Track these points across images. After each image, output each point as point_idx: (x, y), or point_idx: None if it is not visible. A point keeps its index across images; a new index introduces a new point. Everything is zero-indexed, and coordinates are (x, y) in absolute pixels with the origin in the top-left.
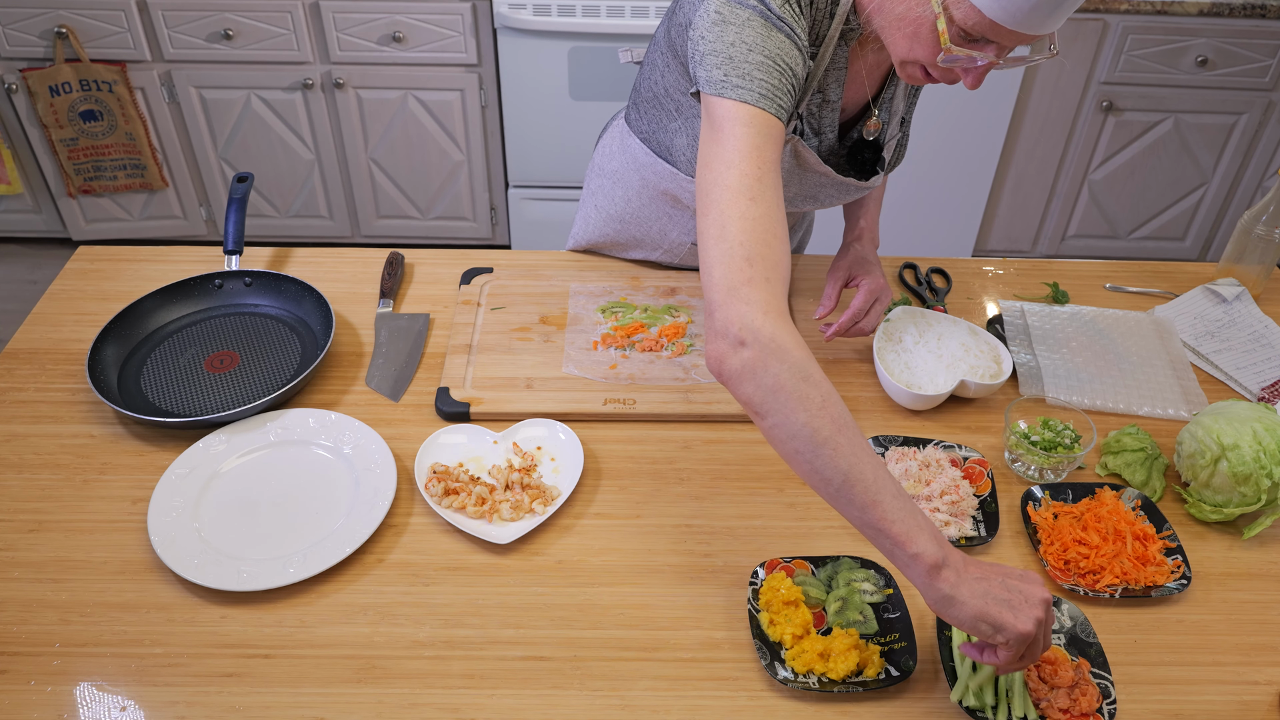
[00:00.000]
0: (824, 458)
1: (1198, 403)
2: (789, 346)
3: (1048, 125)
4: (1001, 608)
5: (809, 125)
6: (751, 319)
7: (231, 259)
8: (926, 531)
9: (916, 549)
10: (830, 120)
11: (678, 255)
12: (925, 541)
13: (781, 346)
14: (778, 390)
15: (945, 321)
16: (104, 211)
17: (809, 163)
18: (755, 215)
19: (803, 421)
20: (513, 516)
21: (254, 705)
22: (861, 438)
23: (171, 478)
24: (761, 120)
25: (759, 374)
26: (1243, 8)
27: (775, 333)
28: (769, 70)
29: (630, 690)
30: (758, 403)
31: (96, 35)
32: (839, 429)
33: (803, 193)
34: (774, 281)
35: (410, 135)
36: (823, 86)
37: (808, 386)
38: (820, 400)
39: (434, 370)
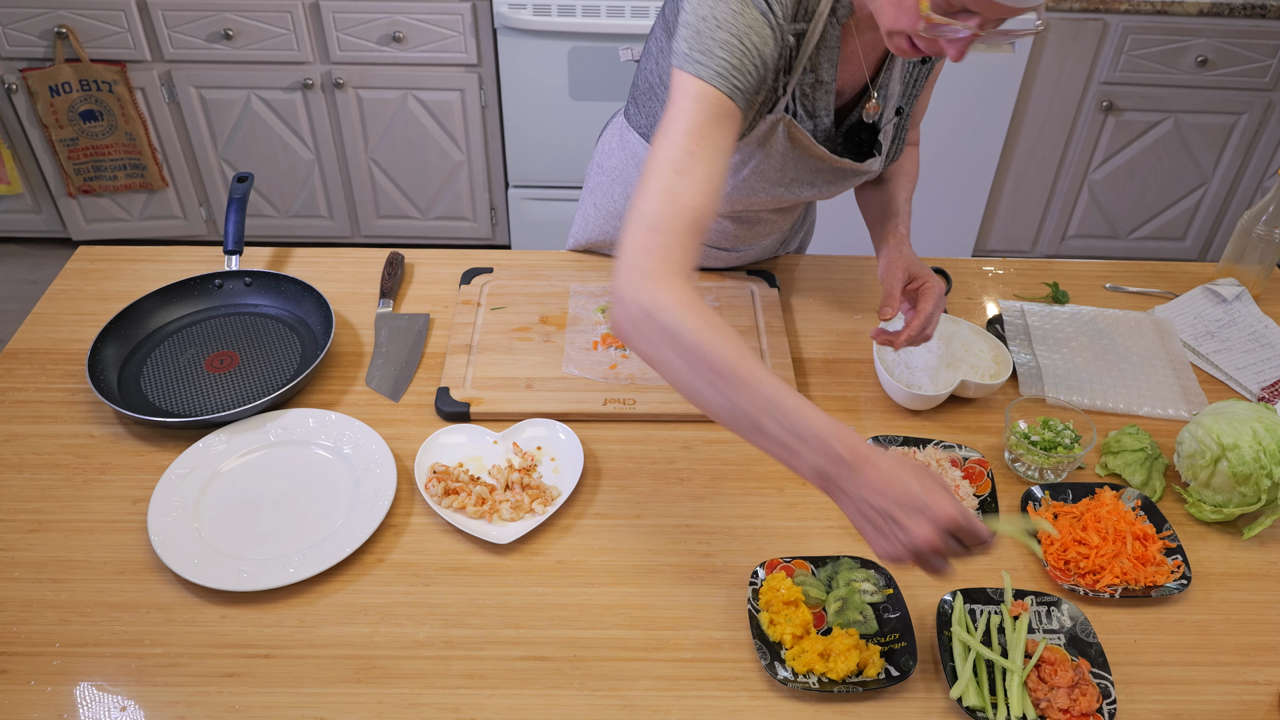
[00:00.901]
0: (702, 398)
1: (1198, 403)
2: (669, 308)
3: (1048, 125)
4: (868, 530)
5: (803, 107)
6: (639, 284)
7: (231, 259)
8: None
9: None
10: (825, 103)
11: None
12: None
13: (663, 306)
14: (656, 343)
15: (945, 321)
16: (104, 211)
17: (803, 144)
18: (675, 188)
19: (679, 370)
20: (513, 516)
21: (254, 705)
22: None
23: (171, 478)
24: (712, 98)
25: (646, 334)
26: (1243, 8)
27: (659, 297)
28: (731, 49)
29: (630, 690)
30: (649, 359)
31: (96, 35)
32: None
33: (799, 177)
34: (673, 249)
35: (410, 135)
36: (815, 65)
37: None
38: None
39: (434, 370)
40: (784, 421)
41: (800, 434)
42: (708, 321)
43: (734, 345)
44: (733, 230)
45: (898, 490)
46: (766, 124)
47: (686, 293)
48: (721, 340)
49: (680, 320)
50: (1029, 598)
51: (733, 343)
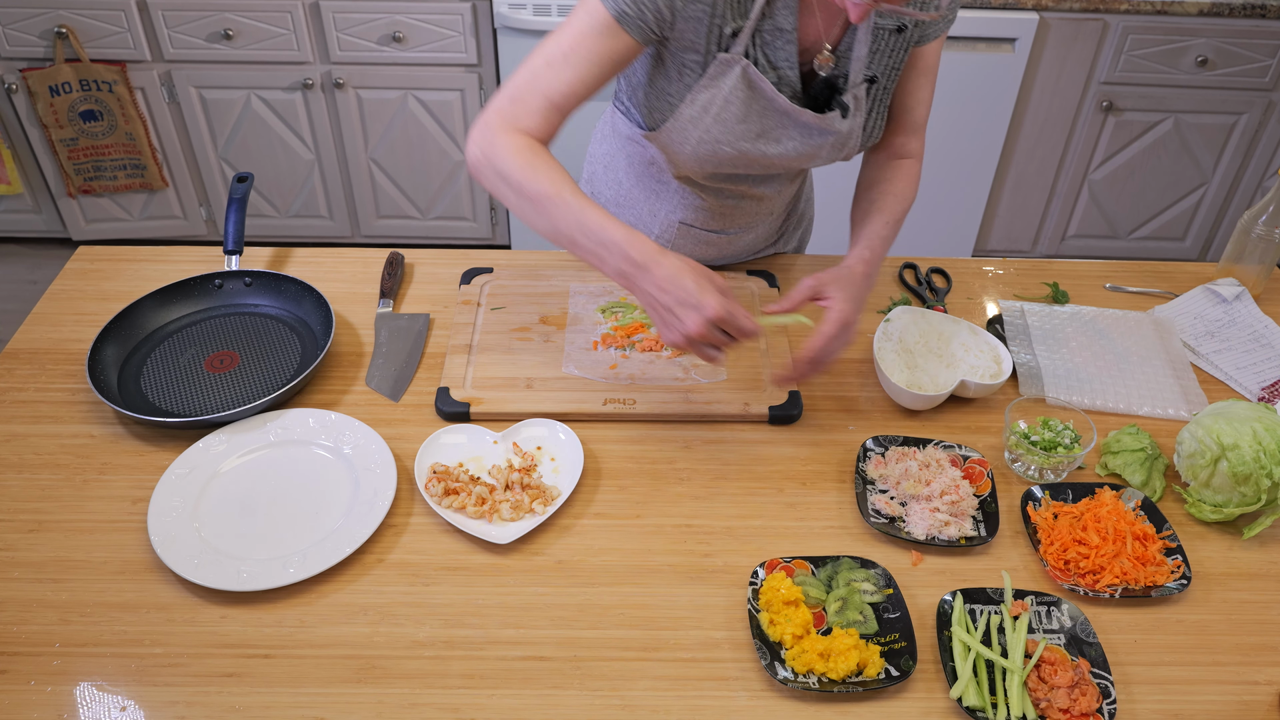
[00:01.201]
0: (534, 223)
1: (1198, 403)
2: (500, 155)
3: (1048, 125)
4: (657, 321)
5: (765, 56)
6: (482, 136)
7: (231, 259)
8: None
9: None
10: (787, 54)
11: (667, 239)
12: (608, 268)
13: (498, 153)
14: (494, 184)
15: (945, 321)
16: (104, 211)
17: (763, 91)
18: (544, 76)
19: (513, 202)
20: (513, 516)
21: (254, 705)
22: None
23: (171, 478)
24: (599, 14)
25: (483, 171)
26: (1243, 8)
27: (495, 146)
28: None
29: (630, 690)
30: (493, 195)
31: (96, 35)
32: (533, 203)
33: (763, 131)
34: (520, 116)
35: (410, 135)
36: (773, 12)
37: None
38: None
39: (434, 370)
40: (590, 235)
41: (604, 243)
42: (529, 162)
43: (549, 178)
44: (717, 207)
45: (676, 287)
46: (720, 64)
47: (518, 141)
48: (539, 175)
49: (508, 162)
50: (1029, 598)
51: (549, 176)
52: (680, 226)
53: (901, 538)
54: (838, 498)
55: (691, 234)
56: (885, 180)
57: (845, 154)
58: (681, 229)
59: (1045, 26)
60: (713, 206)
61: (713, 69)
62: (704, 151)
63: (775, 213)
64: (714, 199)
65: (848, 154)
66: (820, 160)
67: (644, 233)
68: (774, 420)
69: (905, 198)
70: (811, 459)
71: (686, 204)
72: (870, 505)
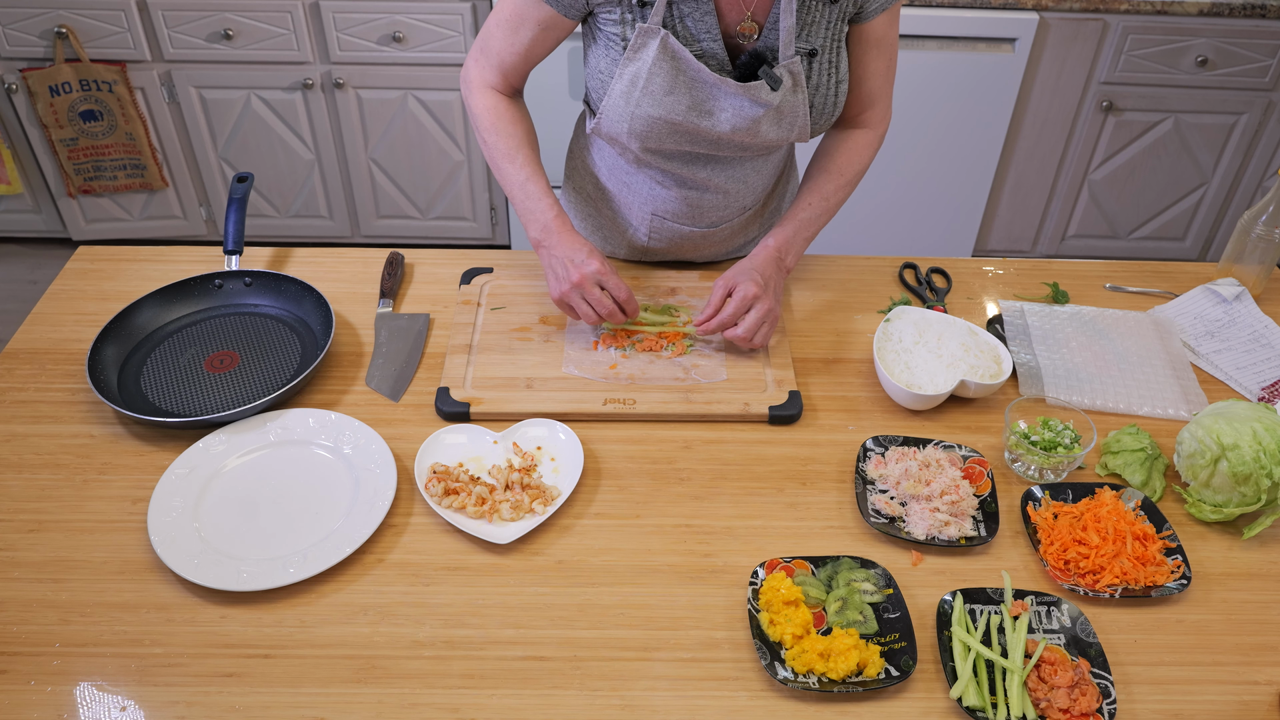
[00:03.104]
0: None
1: (1198, 403)
2: (475, 108)
3: (1048, 125)
4: (551, 278)
5: (685, 28)
6: (465, 85)
7: (231, 259)
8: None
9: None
10: (707, 25)
11: (644, 231)
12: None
13: (474, 107)
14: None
15: (945, 321)
16: (104, 211)
17: (684, 61)
18: (497, 37)
19: (483, 150)
20: (513, 516)
21: (254, 705)
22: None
23: (171, 478)
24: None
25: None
26: (1243, 8)
27: (471, 96)
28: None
29: (630, 690)
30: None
31: (96, 35)
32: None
33: (694, 104)
34: (487, 72)
35: (410, 135)
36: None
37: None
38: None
39: (434, 370)
40: (526, 198)
41: (532, 210)
42: (495, 123)
43: (508, 143)
44: (683, 197)
45: (571, 251)
46: (639, 33)
47: (490, 100)
48: (501, 138)
49: (481, 117)
50: (1029, 598)
51: (508, 141)
52: (654, 219)
53: (901, 538)
54: (838, 498)
55: (666, 227)
56: (827, 153)
57: (797, 132)
58: (655, 221)
59: (1045, 26)
60: (680, 197)
61: (634, 41)
62: (639, 127)
63: (749, 207)
64: (678, 189)
65: (800, 132)
66: (767, 135)
67: (625, 226)
68: (774, 420)
69: (845, 171)
70: (811, 459)
71: (655, 196)
72: (870, 505)
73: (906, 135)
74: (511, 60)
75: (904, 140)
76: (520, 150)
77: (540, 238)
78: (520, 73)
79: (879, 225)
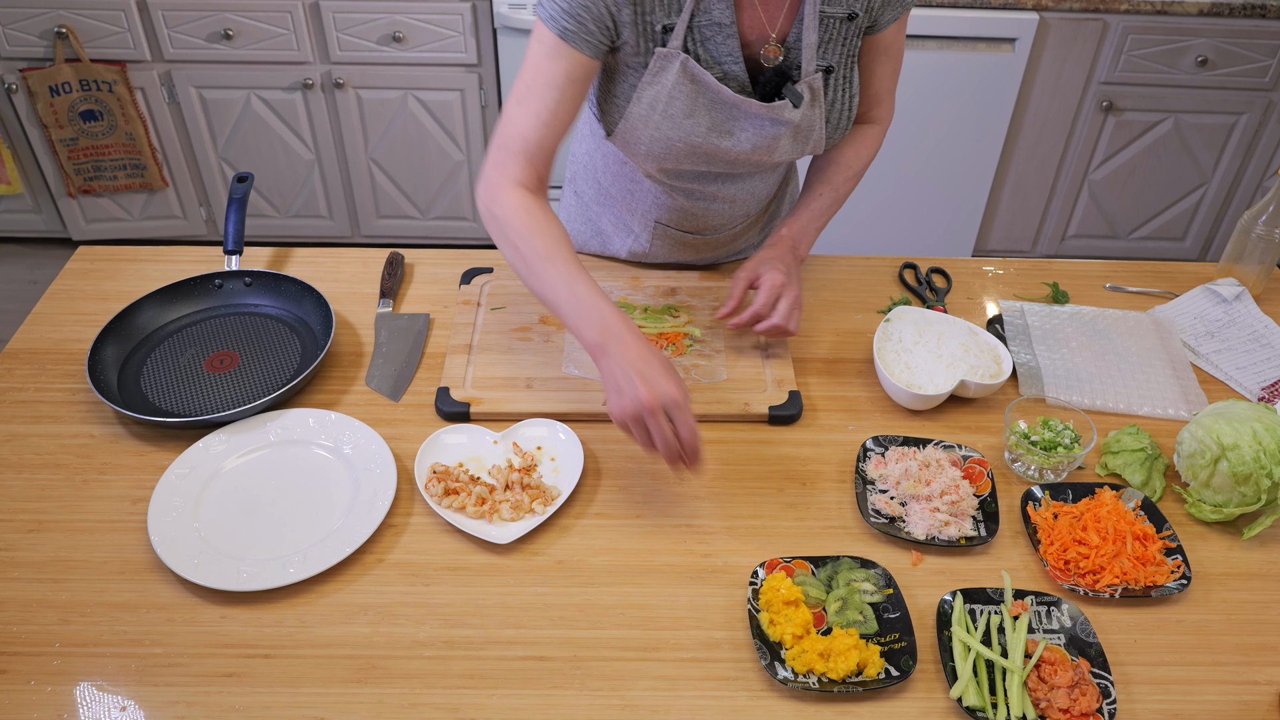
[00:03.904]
0: (526, 281)
1: (1198, 403)
2: (501, 212)
3: (1048, 125)
4: (612, 390)
5: (706, 51)
6: (485, 188)
7: (231, 259)
8: (592, 325)
9: (583, 339)
10: (730, 49)
11: (645, 238)
12: (587, 333)
13: (500, 211)
14: (497, 239)
15: (945, 321)
16: (104, 211)
17: (706, 84)
18: (517, 115)
19: (510, 258)
20: (513, 516)
21: (254, 705)
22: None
23: (171, 478)
24: (547, 38)
25: (489, 227)
26: (1243, 8)
27: (495, 200)
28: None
29: (630, 690)
30: (496, 244)
31: (96, 35)
32: (526, 261)
33: (714, 125)
34: (510, 165)
35: (410, 135)
36: (707, 7)
37: (508, 234)
38: (514, 243)
39: (434, 370)
40: (578, 298)
41: (587, 308)
42: (529, 221)
43: (546, 240)
44: (688, 208)
45: (643, 362)
46: (660, 59)
47: (519, 198)
48: (536, 236)
49: (509, 220)
50: (1029, 598)
51: (545, 239)
52: (657, 226)
53: (901, 538)
54: (838, 498)
55: (668, 234)
56: (835, 145)
57: (811, 146)
58: (658, 228)
59: (1045, 26)
60: (684, 207)
61: (653, 65)
62: (658, 149)
63: (751, 214)
64: (684, 199)
65: (814, 147)
66: (784, 153)
67: (626, 231)
68: (774, 420)
69: (853, 164)
70: (811, 459)
71: (659, 205)
72: (870, 505)
73: (907, 135)
74: (539, 135)
75: (904, 140)
76: (559, 250)
77: (600, 340)
78: (549, 150)
79: (879, 225)
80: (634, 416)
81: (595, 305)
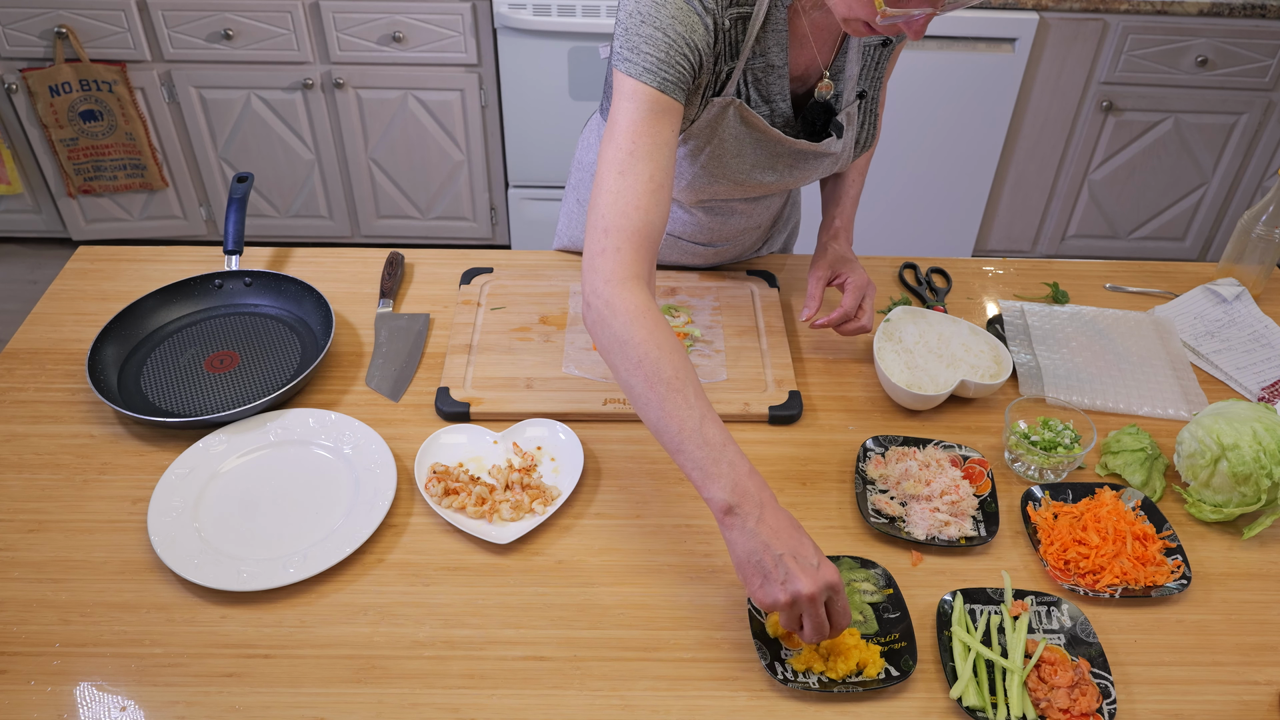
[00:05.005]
0: (640, 407)
1: (1198, 403)
2: (619, 312)
3: (1048, 125)
4: (755, 573)
5: (757, 92)
6: (596, 285)
7: (231, 259)
8: (722, 479)
9: (708, 494)
10: (780, 88)
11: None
12: (716, 489)
13: (616, 314)
14: (608, 348)
15: (945, 321)
16: (104, 211)
17: (756, 125)
18: (619, 189)
19: (624, 376)
20: (513, 516)
21: (254, 705)
22: (678, 390)
23: (171, 478)
24: (644, 94)
25: (598, 331)
26: (1243, 8)
27: (611, 299)
28: (657, 44)
29: (630, 690)
30: (604, 357)
31: (96, 35)
32: (650, 386)
33: (759, 162)
34: (624, 250)
35: (410, 135)
36: (763, 49)
37: (628, 348)
38: (636, 360)
39: (434, 370)
40: (708, 445)
41: (720, 460)
42: (654, 335)
43: (674, 364)
44: (706, 222)
45: (795, 541)
46: (715, 107)
47: (639, 301)
48: (664, 357)
49: (630, 330)
50: (1029, 598)
51: (674, 361)
52: (667, 238)
53: (901, 538)
54: (838, 498)
55: (679, 245)
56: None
57: (839, 166)
58: (668, 240)
59: (1045, 26)
60: (701, 221)
61: (706, 115)
62: (699, 184)
63: (763, 225)
64: (703, 214)
65: (842, 166)
66: (816, 178)
67: None
68: (774, 420)
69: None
70: (811, 459)
71: (674, 218)
72: (870, 505)
73: (907, 135)
74: (655, 204)
75: (904, 140)
76: (688, 380)
77: (739, 500)
78: (663, 223)
79: (879, 225)
80: (790, 604)
81: (729, 458)
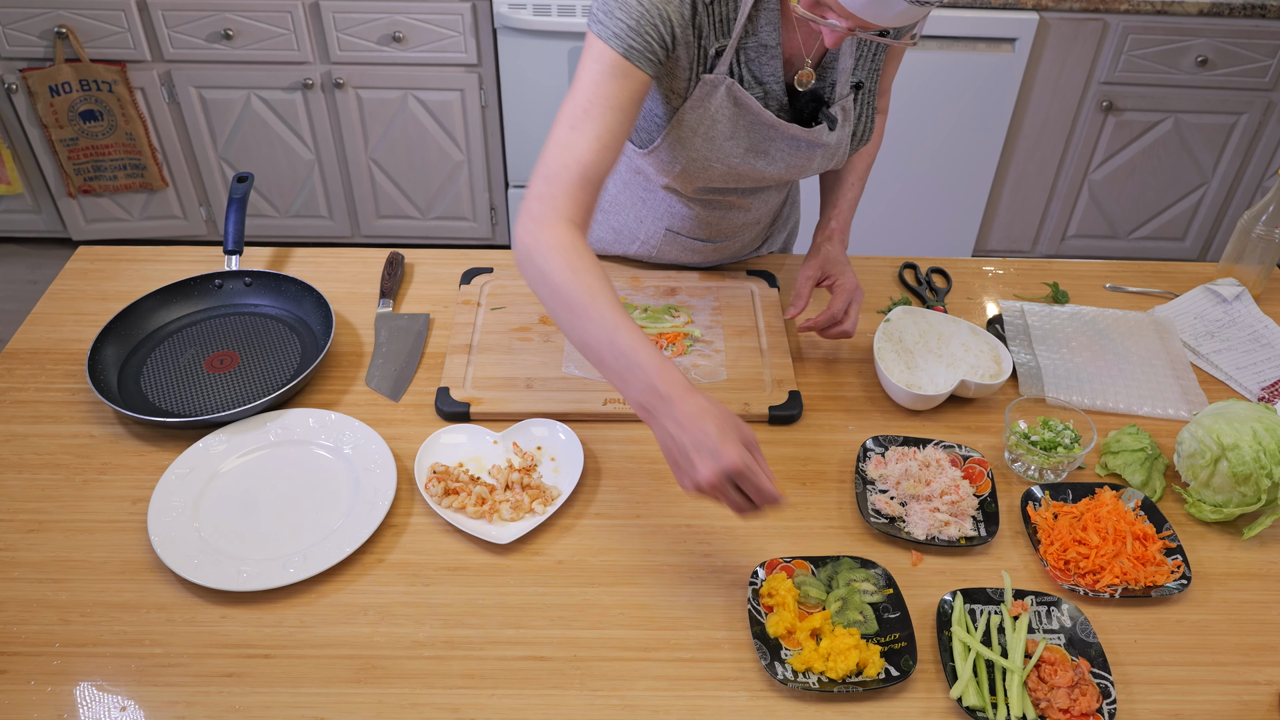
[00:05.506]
0: (566, 331)
1: (1198, 403)
2: (542, 245)
3: (1048, 125)
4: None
5: (750, 72)
6: (526, 224)
7: (231, 259)
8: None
9: (628, 400)
10: (773, 69)
11: (652, 245)
12: (630, 392)
13: (539, 249)
14: (533, 280)
15: (945, 321)
16: (104, 211)
17: (749, 107)
18: (568, 141)
19: (549, 304)
20: (513, 516)
21: (254, 705)
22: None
23: (171, 478)
24: (609, 58)
25: (525, 267)
26: (1243, 8)
27: (538, 237)
28: (630, 11)
29: (630, 690)
30: (531, 287)
31: (96, 35)
32: (569, 309)
33: (752, 146)
34: (559, 198)
35: (410, 135)
36: (756, 29)
37: (548, 277)
38: (554, 287)
39: (434, 370)
40: (619, 354)
41: (631, 365)
42: (571, 264)
43: (588, 286)
44: (705, 216)
45: (696, 429)
46: (705, 84)
47: (562, 236)
48: (578, 281)
49: (549, 261)
50: (1029, 598)
51: (587, 283)
52: (666, 234)
53: (901, 538)
54: (838, 498)
55: (678, 241)
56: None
57: (836, 161)
58: (668, 236)
59: (1045, 26)
60: (700, 216)
61: (698, 91)
62: (694, 169)
63: (762, 221)
64: (701, 209)
65: (839, 161)
66: (814, 171)
67: (631, 238)
68: (774, 420)
69: (870, 153)
70: (811, 459)
71: (673, 213)
72: (870, 505)
73: (907, 135)
74: (598, 160)
75: (904, 140)
76: (603, 295)
77: (649, 400)
78: (603, 178)
79: (879, 225)
80: (699, 492)
81: (639, 361)
